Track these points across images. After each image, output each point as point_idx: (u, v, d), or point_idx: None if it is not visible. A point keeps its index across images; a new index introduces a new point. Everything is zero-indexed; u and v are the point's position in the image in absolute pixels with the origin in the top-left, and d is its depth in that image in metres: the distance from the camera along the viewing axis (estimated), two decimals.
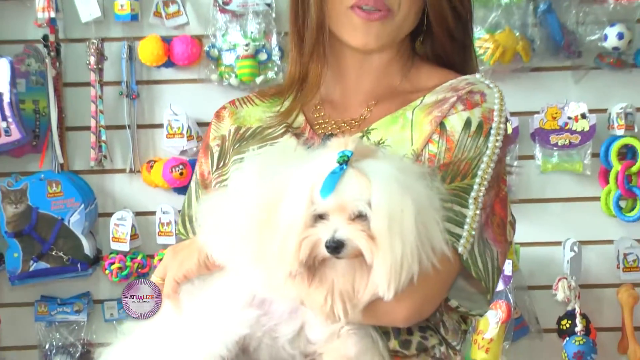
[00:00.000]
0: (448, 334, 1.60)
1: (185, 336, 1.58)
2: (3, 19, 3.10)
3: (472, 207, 1.53)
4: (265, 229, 1.43)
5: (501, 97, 1.61)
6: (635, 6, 3.02)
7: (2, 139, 2.99)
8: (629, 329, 3.03)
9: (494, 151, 1.57)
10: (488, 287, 1.55)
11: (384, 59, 1.72)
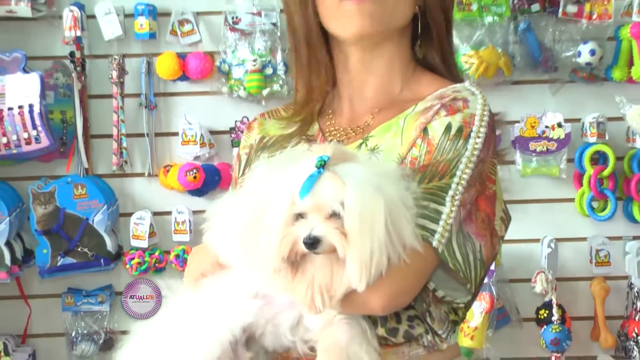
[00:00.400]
0: (434, 323, 1.58)
1: (196, 324, 1.56)
2: (34, 37, 3.09)
3: (448, 205, 1.52)
4: (254, 229, 1.44)
5: (484, 103, 1.59)
6: (606, 25, 3.01)
7: (33, 145, 2.99)
8: (601, 318, 3.04)
9: (473, 153, 1.55)
10: (467, 277, 1.54)
11: (384, 65, 1.70)
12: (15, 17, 3.04)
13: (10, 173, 3.13)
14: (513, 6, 3.01)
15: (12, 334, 3.12)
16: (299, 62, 1.73)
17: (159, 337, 1.60)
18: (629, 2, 3.02)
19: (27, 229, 3.10)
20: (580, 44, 3.02)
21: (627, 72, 3.02)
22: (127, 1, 3.07)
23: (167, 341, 1.58)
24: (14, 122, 2.98)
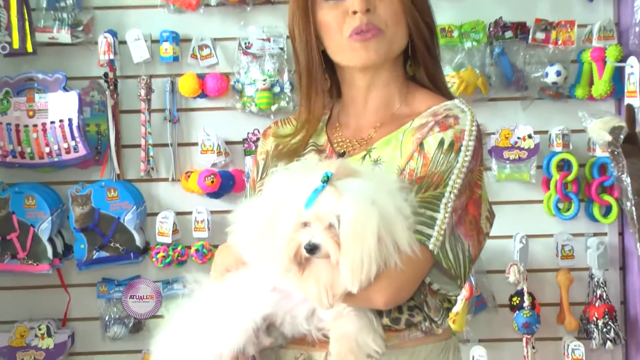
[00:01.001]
0: (431, 311, 1.58)
1: (222, 315, 1.56)
2: (73, 60, 3.10)
3: (442, 212, 1.52)
4: (269, 231, 1.46)
5: (472, 119, 1.59)
6: (570, 50, 3.02)
7: (72, 154, 3.00)
8: (566, 304, 3.05)
9: (464, 164, 1.55)
10: (458, 274, 1.54)
11: (383, 84, 1.69)
12: (56, 42, 3.04)
13: (52, 178, 3.12)
14: (489, 33, 3.01)
15: (53, 318, 3.11)
16: (301, 90, 1.73)
17: (189, 326, 1.60)
18: (589, 30, 3.02)
19: (67, 226, 3.09)
20: (547, 66, 3.01)
21: (588, 91, 3.02)
22: (154, 29, 3.07)
23: (197, 330, 1.58)
24: (55, 134, 2.99)
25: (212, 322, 1.56)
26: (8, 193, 3.03)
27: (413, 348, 1.59)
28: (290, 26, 1.70)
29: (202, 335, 1.56)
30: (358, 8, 1.59)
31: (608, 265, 3.07)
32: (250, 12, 3.08)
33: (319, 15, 1.64)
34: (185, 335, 1.59)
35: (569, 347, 3.03)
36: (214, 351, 1.54)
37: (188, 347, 1.58)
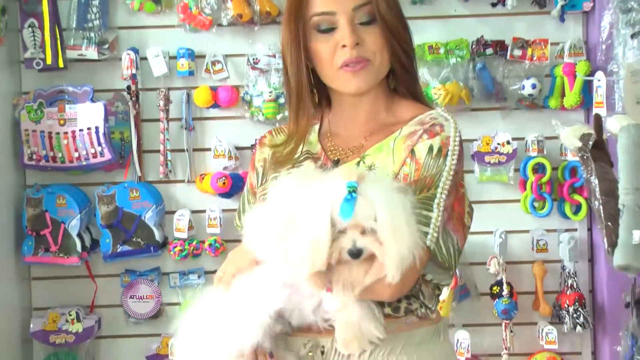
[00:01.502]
0: (425, 299, 1.60)
1: (239, 310, 1.56)
2: (99, 74, 3.11)
3: (435, 211, 1.53)
4: (288, 233, 1.43)
5: (455, 126, 1.60)
6: (544, 65, 3.03)
7: (98, 158, 3.02)
8: (540, 293, 3.07)
9: (451, 167, 1.56)
10: (450, 265, 1.56)
11: (370, 101, 1.68)
12: (85, 59, 3.05)
13: (81, 180, 3.13)
14: (472, 50, 3.02)
15: (82, 305, 3.12)
16: (290, 106, 1.72)
17: (208, 324, 1.59)
18: (561, 48, 3.03)
19: (94, 223, 3.10)
20: (524, 80, 3.02)
21: (560, 102, 3.03)
22: (171, 46, 3.08)
23: (216, 328, 1.56)
24: (83, 140, 3.01)
25: (229, 319, 1.56)
26: (42, 193, 3.04)
27: (410, 332, 1.59)
28: (283, 52, 1.68)
29: (222, 333, 1.55)
30: (348, 43, 1.59)
31: (578, 257, 3.07)
32: (258, 32, 3.09)
33: (312, 46, 1.63)
34: (205, 333, 1.58)
35: (543, 331, 3.04)
36: (235, 348, 1.54)
37: (209, 346, 1.57)
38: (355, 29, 1.60)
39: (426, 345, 1.61)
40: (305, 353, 1.59)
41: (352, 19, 1.60)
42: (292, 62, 1.65)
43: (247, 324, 1.54)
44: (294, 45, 1.64)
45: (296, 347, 1.60)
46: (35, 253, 3.04)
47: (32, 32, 3.00)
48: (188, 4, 3.03)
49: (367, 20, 1.61)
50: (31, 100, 3.03)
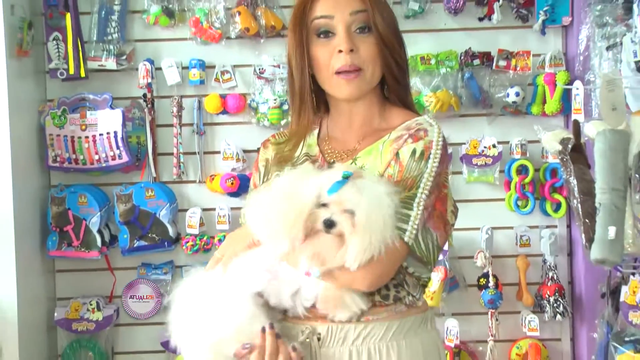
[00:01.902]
0: (410, 288, 1.60)
1: (227, 286, 1.57)
2: (118, 84, 3.12)
3: (415, 209, 1.53)
4: (281, 210, 1.47)
5: (439, 131, 1.59)
6: (527, 75, 3.04)
7: (116, 161, 3.02)
8: (523, 284, 3.07)
9: (432, 169, 1.55)
10: (429, 260, 1.57)
11: (365, 107, 1.68)
12: (104, 69, 3.06)
13: (101, 180, 3.14)
14: (460, 61, 3.03)
15: (102, 295, 3.13)
16: (293, 108, 1.72)
17: (197, 307, 1.57)
18: (543, 59, 3.04)
19: (113, 220, 3.11)
20: (508, 88, 3.02)
21: (541, 108, 3.03)
22: (184, 57, 3.09)
23: (205, 309, 1.55)
24: (103, 144, 3.01)
25: (216, 302, 1.55)
26: (65, 193, 3.04)
27: (399, 320, 1.59)
28: (289, 56, 1.69)
29: (209, 316, 1.54)
30: (344, 48, 1.59)
31: (558, 252, 3.07)
32: (263, 44, 3.09)
33: (312, 50, 1.64)
34: (195, 315, 1.56)
35: (526, 319, 3.04)
36: (220, 329, 1.53)
37: (199, 327, 1.55)
38: (351, 36, 1.61)
39: (414, 332, 1.61)
40: (303, 339, 1.58)
41: (349, 26, 1.62)
42: (297, 66, 1.67)
43: (232, 296, 1.54)
44: (299, 51, 1.65)
45: (294, 334, 1.60)
46: (59, 248, 3.04)
47: (56, 44, 3.01)
48: (199, 18, 3.04)
49: (362, 27, 1.62)
50: (55, 107, 3.04)
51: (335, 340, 1.57)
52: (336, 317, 1.56)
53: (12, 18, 2.83)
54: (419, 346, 1.61)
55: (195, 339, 1.56)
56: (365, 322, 1.57)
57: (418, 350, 1.60)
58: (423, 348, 1.61)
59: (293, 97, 1.71)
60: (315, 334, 1.58)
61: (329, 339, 1.58)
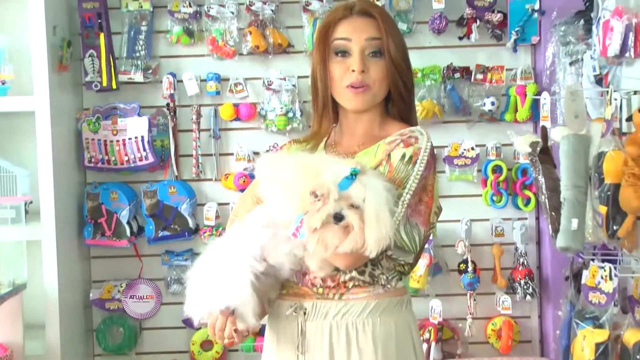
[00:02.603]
0: (384, 269, 1.59)
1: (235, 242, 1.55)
2: (144, 94, 3.12)
3: (400, 207, 1.53)
4: (291, 190, 1.45)
5: (428, 139, 1.59)
6: (501, 86, 3.04)
7: (143, 162, 3.03)
8: (498, 269, 3.07)
9: (418, 173, 1.55)
10: (410, 249, 1.56)
11: (368, 119, 1.68)
12: (133, 81, 3.07)
13: (130, 179, 3.14)
14: (443, 75, 3.03)
15: (131, 279, 3.13)
16: (315, 111, 1.73)
17: (207, 271, 1.57)
18: (514, 73, 3.05)
19: (140, 213, 3.11)
20: (484, 98, 3.03)
21: (514, 116, 3.04)
22: (202, 71, 3.09)
23: (211, 273, 1.54)
24: (132, 147, 3.03)
25: (222, 264, 1.54)
26: (98, 189, 3.04)
27: (376, 300, 1.58)
28: (313, 69, 1.69)
29: (215, 278, 1.53)
30: (356, 68, 1.61)
31: (528, 240, 3.07)
32: (271, 60, 3.09)
33: (329, 65, 1.65)
34: (204, 279, 1.56)
35: (500, 300, 3.05)
36: (226, 292, 1.51)
37: (207, 290, 1.53)
38: (364, 58, 1.62)
39: (389, 312, 1.60)
40: (290, 313, 1.59)
41: (363, 49, 1.62)
42: (321, 79, 1.67)
43: (239, 251, 1.51)
44: (322, 65, 1.66)
45: (283, 309, 1.61)
46: (93, 237, 3.04)
47: (91, 60, 3.01)
48: (215, 37, 3.04)
49: (375, 52, 1.63)
50: (90, 115, 3.04)
51: (319, 315, 1.58)
52: (317, 273, 1.56)
53: (53, 38, 2.83)
54: (392, 324, 1.59)
55: (200, 301, 1.55)
56: (346, 301, 1.58)
57: (391, 328, 1.59)
58: (396, 326, 1.60)
59: (317, 103, 1.71)
60: (302, 309, 1.60)
61: (313, 314, 1.58)
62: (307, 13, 3.03)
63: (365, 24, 1.64)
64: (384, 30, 1.63)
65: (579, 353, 2.23)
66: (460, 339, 3.05)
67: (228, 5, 3.04)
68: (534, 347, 3.12)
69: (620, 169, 2.11)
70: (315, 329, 1.58)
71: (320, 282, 1.59)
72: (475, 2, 3.02)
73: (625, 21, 2.08)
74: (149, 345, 3.17)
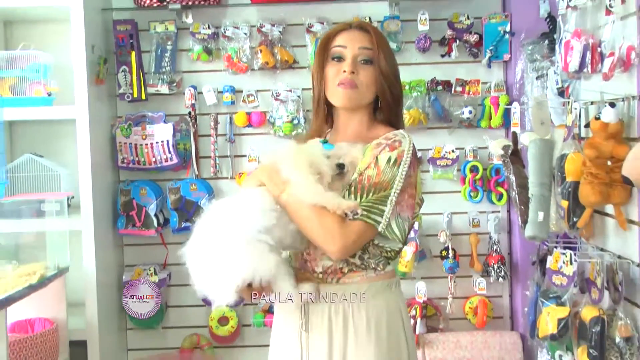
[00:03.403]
0: (371, 255, 1.57)
1: (241, 220, 1.48)
2: (169, 104, 3.12)
3: (388, 206, 1.51)
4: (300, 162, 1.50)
5: (409, 142, 1.57)
6: (477, 97, 3.03)
7: (168, 162, 3.03)
8: (474, 255, 3.07)
9: (403, 173, 1.53)
10: (401, 239, 1.55)
11: (358, 120, 1.66)
12: (159, 93, 3.07)
13: (157, 177, 3.14)
14: (427, 87, 3.02)
15: (158, 263, 3.13)
16: (315, 113, 1.72)
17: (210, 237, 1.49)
18: (489, 85, 3.04)
19: (165, 207, 3.10)
20: (463, 107, 3.02)
21: (488, 123, 3.04)
22: (219, 84, 3.08)
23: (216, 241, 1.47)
24: (158, 149, 3.03)
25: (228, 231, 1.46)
26: (130, 186, 3.05)
27: (369, 283, 1.58)
28: (312, 75, 1.70)
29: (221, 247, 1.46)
30: (348, 70, 1.61)
31: (500, 230, 3.08)
32: (279, 74, 3.09)
33: (326, 68, 1.65)
34: (208, 245, 1.49)
35: (476, 281, 3.06)
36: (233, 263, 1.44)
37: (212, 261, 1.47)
38: (355, 63, 1.62)
39: (381, 294, 1.59)
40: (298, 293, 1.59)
41: (356, 56, 1.62)
42: (317, 81, 1.68)
43: (250, 242, 1.44)
44: (319, 69, 1.67)
45: None
46: (125, 227, 3.05)
47: (124, 75, 3.02)
48: (230, 55, 3.04)
49: (366, 60, 1.62)
50: (123, 122, 3.05)
51: (320, 298, 1.58)
52: None
53: (92, 55, 2.85)
54: (383, 304, 1.59)
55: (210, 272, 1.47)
56: (342, 284, 1.57)
57: (382, 307, 1.58)
58: (387, 306, 1.59)
59: (313, 102, 1.71)
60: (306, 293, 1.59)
61: (315, 296, 1.58)
62: (310, 34, 3.05)
63: (361, 35, 1.64)
64: (376, 43, 1.63)
65: (543, 327, 2.25)
66: (442, 315, 3.06)
67: (241, 27, 3.05)
68: (505, 322, 3.12)
69: (579, 168, 2.13)
70: (316, 310, 1.57)
71: (320, 269, 1.58)
72: (455, 24, 3.03)
73: (584, 41, 2.09)
74: (173, 321, 3.17)
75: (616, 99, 2.06)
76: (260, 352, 3.10)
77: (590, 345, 2.05)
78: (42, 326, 2.65)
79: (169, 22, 3.05)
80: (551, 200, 2.30)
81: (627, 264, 2.06)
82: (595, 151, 2.06)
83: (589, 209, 2.16)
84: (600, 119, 2.04)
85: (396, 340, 1.58)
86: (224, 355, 3.13)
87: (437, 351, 2.93)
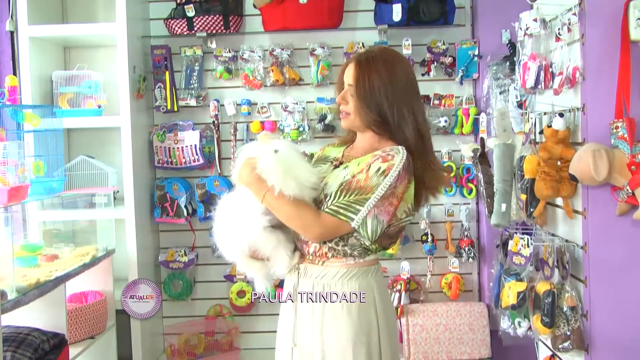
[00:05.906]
0: (347, 243, 1.54)
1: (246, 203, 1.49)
2: (196, 114, 3.07)
3: (365, 208, 1.46)
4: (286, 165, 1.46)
5: (401, 158, 1.48)
6: (451, 109, 3.03)
7: (196, 163, 3.03)
8: (449, 239, 3.07)
9: (387, 184, 1.47)
10: (370, 238, 1.49)
11: (367, 138, 1.61)
12: (188, 105, 3.07)
13: (186, 175, 3.14)
14: None
15: (187, 246, 3.14)
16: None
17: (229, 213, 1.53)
18: (461, 99, 3.04)
19: (193, 200, 3.09)
20: (440, 117, 3.01)
21: (461, 130, 3.04)
22: (238, 98, 3.08)
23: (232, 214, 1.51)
24: (188, 152, 3.04)
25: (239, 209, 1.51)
26: (164, 182, 3.06)
27: (347, 268, 1.55)
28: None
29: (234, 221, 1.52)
30: (337, 101, 1.61)
31: (471, 219, 3.08)
32: (288, 89, 3.08)
33: None
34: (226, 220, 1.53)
35: (451, 261, 3.05)
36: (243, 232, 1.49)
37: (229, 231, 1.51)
38: (346, 94, 1.60)
39: (356, 278, 1.55)
40: (291, 271, 1.60)
41: (347, 90, 1.60)
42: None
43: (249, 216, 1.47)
44: (338, 92, 1.64)
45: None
46: (161, 216, 3.07)
47: (160, 91, 3.04)
48: (247, 74, 3.03)
49: (352, 93, 1.58)
50: (159, 129, 3.05)
51: (307, 275, 1.57)
52: None
53: (134, 75, 2.87)
54: (356, 284, 1.54)
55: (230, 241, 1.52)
56: (325, 267, 1.55)
57: (355, 286, 1.54)
58: (359, 286, 1.54)
59: None
60: (297, 270, 1.59)
61: (304, 273, 1.58)
62: (313, 56, 3.06)
63: (352, 68, 1.58)
64: (358, 78, 1.55)
65: (505, 299, 2.26)
66: (422, 289, 3.06)
67: (256, 51, 3.05)
68: (474, 295, 3.13)
69: (535, 168, 2.15)
70: (304, 285, 1.57)
71: (312, 250, 1.56)
72: (433, 49, 3.03)
73: (538, 63, 2.11)
74: (200, 294, 3.18)
75: (564, 110, 2.08)
76: (271, 319, 3.12)
77: (543, 313, 2.07)
78: (94, 297, 2.67)
79: (196, 47, 3.07)
80: (512, 194, 2.30)
81: (572, 246, 2.07)
82: (547, 153, 2.07)
83: (542, 201, 2.17)
84: (551, 126, 2.04)
85: (366, 312, 1.55)
86: (241, 322, 3.16)
87: (418, 318, 2.94)
